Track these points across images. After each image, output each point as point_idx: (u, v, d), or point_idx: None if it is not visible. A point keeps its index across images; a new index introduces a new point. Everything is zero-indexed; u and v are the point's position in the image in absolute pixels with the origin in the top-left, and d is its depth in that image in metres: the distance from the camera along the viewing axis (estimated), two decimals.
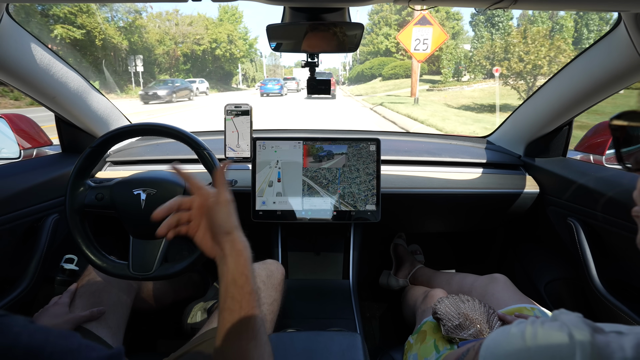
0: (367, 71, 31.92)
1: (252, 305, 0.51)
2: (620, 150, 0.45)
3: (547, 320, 0.39)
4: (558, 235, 1.18)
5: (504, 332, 0.42)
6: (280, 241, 1.26)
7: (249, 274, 0.53)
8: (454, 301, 0.83)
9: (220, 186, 0.58)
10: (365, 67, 32.39)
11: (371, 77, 30.56)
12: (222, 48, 32.98)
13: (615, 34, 0.85)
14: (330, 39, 0.80)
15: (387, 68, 28.17)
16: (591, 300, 1.04)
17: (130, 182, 0.89)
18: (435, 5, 0.65)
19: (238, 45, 34.86)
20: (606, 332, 0.37)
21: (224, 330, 0.50)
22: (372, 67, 31.32)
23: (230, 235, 0.55)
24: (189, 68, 31.28)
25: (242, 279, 0.52)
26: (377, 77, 29.77)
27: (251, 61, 43.54)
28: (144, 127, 0.89)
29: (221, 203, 0.56)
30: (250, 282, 0.52)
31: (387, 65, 28.92)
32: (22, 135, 1.21)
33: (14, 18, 0.83)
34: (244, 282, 0.52)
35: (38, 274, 0.96)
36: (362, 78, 33.04)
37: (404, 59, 29.49)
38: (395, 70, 27.40)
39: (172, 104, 15.79)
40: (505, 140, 1.43)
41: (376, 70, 30.50)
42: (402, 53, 31.05)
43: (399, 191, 1.23)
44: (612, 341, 0.35)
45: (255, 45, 38.80)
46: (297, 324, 1.00)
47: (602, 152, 1.19)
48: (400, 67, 27.29)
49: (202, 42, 31.35)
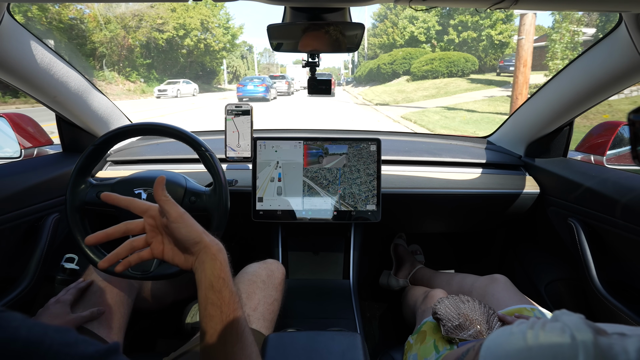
0: (385, 67, 22.66)
1: (233, 308, 0.50)
2: (637, 147, 0.42)
3: (549, 321, 0.39)
4: (558, 235, 1.18)
5: (504, 332, 0.42)
6: (280, 241, 1.26)
7: (226, 277, 0.51)
8: (454, 301, 0.83)
9: (165, 204, 0.53)
10: (381, 63, 23.19)
11: (393, 76, 22.35)
12: (193, 37, 24.90)
13: (616, 35, 0.85)
14: (330, 39, 0.80)
15: (418, 63, 19.76)
16: (591, 301, 1.04)
17: (132, 181, 0.89)
18: (436, 5, 0.65)
19: (217, 34, 26.79)
20: (609, 334, 0.36)
21: (207, 338, 0.49)
22: (394, 62, 22.17)
23: (200, 243, 0.53)
24: (150, 63, 23.35)
25: (219, 282, 0.50)
26: (401, 76, 21.76)
27: (242, 57, 38.52)
28: (145, 126, 0.89)
29: (175, 220, 0.52)
30: (229, 284, 0.51)
31: (417, 58, 20.47)
32: (23, 135, 1.21)
33: (15, 18, 0.83)
34: (221, 285, 0.50)
35: (39, 273, 0.96)
36: (376, 77, 24.26)
37: (435, 51, 21.98)
38: (433, 65, 18.84)
39: None
40: (505, 141, 1.43)
41: (400, 66, 21.84)
42: (434, 42, 23.50)
43: (399, 191, 1.23)
44: (615, 343, 0.34)
45: (239, 35, 29.98)
46: (297, 323, 1.00)
47: (602, 152, 1.19)
48: (440, 62, 18.77)
49: (164, 28, 23.10)
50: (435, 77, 18.81)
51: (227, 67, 33.72)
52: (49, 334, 0.30)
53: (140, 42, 22.51)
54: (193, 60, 26.84)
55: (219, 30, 27.20)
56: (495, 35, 21.88)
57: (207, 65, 28.50)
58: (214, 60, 28.74)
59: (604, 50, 0.90)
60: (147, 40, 22.80)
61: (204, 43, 26.23)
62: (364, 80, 28.05)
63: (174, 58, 25.52)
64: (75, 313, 0.77)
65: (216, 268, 0.51)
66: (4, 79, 0.90)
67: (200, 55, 26.84)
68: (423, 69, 19.25)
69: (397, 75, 22.29)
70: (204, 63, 28.02)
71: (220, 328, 0.49)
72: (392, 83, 21.47)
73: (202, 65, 28.14)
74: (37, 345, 0.29)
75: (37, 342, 0.29)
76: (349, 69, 41.21)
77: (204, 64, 28.19)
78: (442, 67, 18.80)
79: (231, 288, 0.51)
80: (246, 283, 0.87)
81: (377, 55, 28.94)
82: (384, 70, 23.04)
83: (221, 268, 0.52)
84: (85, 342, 0.32)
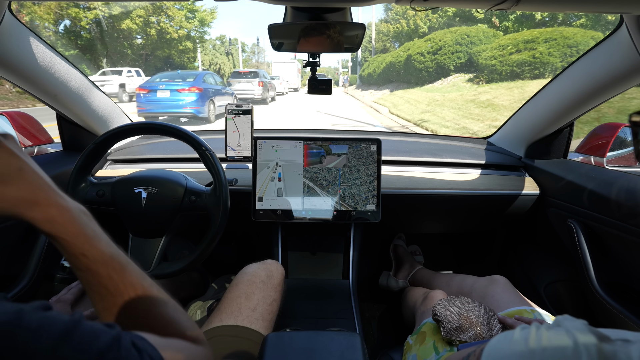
0: (423, 60, 13.43)
1: (124, 281, 0.40)
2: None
3: (552, 327, 0.39)
4: (558, 237, 1.18)
5: (506, 337, 0.41)
6: (280, 241, 1.26)
7: (92, 241, 0.38)
8: (454, 303, 0.83)
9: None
10: (415, 52, 13.87)
11: (439, 73, 13.26)
12: (136, 19, 17.80)
13: (616, 36, 0.85)
14: (331, 39, 0.80)
15: (491, 51, 10.97)
16: (591, 302, 1.04)
17: (132, 180, 0.89)
18: (437, 5, 0.65)
19: (175, 18, 19.14)
20: (612, 340, 0.36)
21: (115, 318, 0.39)
22: (440, 50, 12.94)
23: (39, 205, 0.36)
24: (76, 54, 15.91)
25: (91, 251, 0.38)
26: (452, 73, 12.88)
27: (227, 54, 31.30)
28: (145, 125, 0.89)
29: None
30: (101, 247, 0.39)
31: (482, 44, 11.87)
32: (23, 133, 1.21)
33: (16, 16, 0.83)
34: (94, 255, 0.38)
35: (38, 271, 0.96)
36: (402, 75, 15.50)
37: (507, 31, 13.14)
38: (534, 53, 9.72)
39: None
40: (506, 142, 1.43)
41: (448, 58, 12.70)
42: (495, 21, 14.20)
43: (399, 192, 1.23)
44: (619, 350, 0.34)
45: (211, 22, 21.74)
46: (296, 323, 1.00)
47: (603, 154, 1.19)
48: (553, 45, 9.46)
49: (92, 4, 15.71)
50: (521, 76, 10.04)
51: (209, 65, 27.21)
52: (25, 314, 0.29)
53: (47, 21, 14.40)
54: (149, 52, 19.32)
55: (179, 13, 19.20)
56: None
57: (174, 60, 20.52)
58: (183, 55, 20.98)
59: (605, 52, 0.90)
60: (56, 19, 14.79)
61: (156, 28, 18.59)
62: (376, 80, 19.63)
63: (115, 48, 17.87)
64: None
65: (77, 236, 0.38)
66: (5, 77, 0.90)
67: (155, 46, 19.33)
68: (511, 60, 10.08)
69: (444, 72, 13.09)
70: (171, 57, 20.07)
71: (121, 309, 0.39)
72: (438, 86, 12.77)
73: (167, 60, 20.19)
74: (15, 327, 0.28)
75: (14, 323, 0.28)
76: (348, 68, 34.72)
77: (171, 59, 20.11)
78: (555, 55, 9.39)
79: (105, 249, 0.39)
80: (245, 283, 0.87)
81: (387, 48, 22.95)
82: (420, 65, 13.53)
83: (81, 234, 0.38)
84: (57, 317, 0.30)
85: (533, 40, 10.13)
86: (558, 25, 13.07)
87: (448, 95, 10.94)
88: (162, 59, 20.59)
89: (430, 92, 12.21)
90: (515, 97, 8.68)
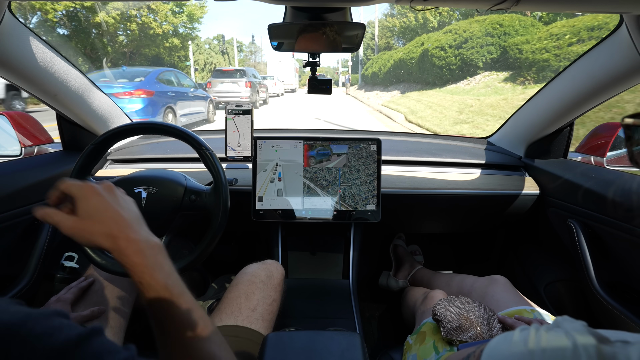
0: (444, 55, 11.15)
1: (192, 318, 0.44)
2: (633, 148, 0.43)
3: (551, 328, 0.39)
4: (558, 236, 1.18)
5: (506, 338, 0.41)
6: (280, 241, 1.26)
7: (152, 271, 0.44)
8: (454, 303, 0.83)
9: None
10: (433, 47, 11.64)
11: (464, 72, 11.07)
12: (112, 12, 15.97)
13: (616, 36, 0.85)
14: (331, 39, 0.80)
15: (539, 43, 8.76)
16: (591, 302, 1.04)
17: (132, 180, 0.89)
18: (437, 5, 0.65)
19: (159, 12, 17.46)
20: (612, 341, 0.36)
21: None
22: (465, 44, 10.68)
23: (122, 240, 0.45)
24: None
25: (165, 293, 0.44)
26: (481, 71, 10.69)
27: (222, 53, 31.41)
28: (145, 125, 0.89)
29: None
30: (156, 276, 0.44)
31: (526, 34, 9.59)
32: (24, 133, 1.21)
33: (16, 16, 0.83)
34: (169, 296, 0.44)
35: (38, 271, 0.96)
36: (415, 75, 13.28)
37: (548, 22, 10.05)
38: None
39: None
40: (506, 141, 1.43)
41: (477, 52, 10.49)
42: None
43: (399, 191, 1.23)
44: (619, 352, 0.34)
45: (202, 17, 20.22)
46: (296, 323, 1.00)
47: (603, 154, 1.19)
48: None
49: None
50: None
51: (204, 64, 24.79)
52: (32, 318, 0.29)
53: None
54: (133, 50, 17.56)
55: (164, 6, 17.39)
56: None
57: (163, 59, 18.69)
58: (173, 53, 19.26)
59: (605, 52, 0.90)
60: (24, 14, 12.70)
61: (137, 23, 16.64)
62: (382, 80, 17.68)
63: (92, 44, 15.71)
64: (76, 312, 0.77)
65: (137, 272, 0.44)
66: (5, 77, 0.90)
67: (140, 44, 17.42)
68: (571, 53, 7.89)
69: (470, 70, 10.77)
70: (160, 56, 18.20)
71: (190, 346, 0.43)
72: (464, 86, 10.56)
73: (155, 59, 18.35)
74: (18, 329, 0.28)
75: (18, 325, 0.28)
76: (348, 67, 33.68)
77: (159, 57, 18.29)
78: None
79: (177, 289, 0.45)
80: (245, 284, 0.87)
81: (391, 46, 20.95)
82: (440, 61, 11.27)
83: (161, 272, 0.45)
84: (69, 327, 0.32)
85: (601, 27, 7.41)
86: None
87: (485, 100, 8.43)
88: (149, 58, 18.72)
89: (456, 95, 9.79)
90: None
